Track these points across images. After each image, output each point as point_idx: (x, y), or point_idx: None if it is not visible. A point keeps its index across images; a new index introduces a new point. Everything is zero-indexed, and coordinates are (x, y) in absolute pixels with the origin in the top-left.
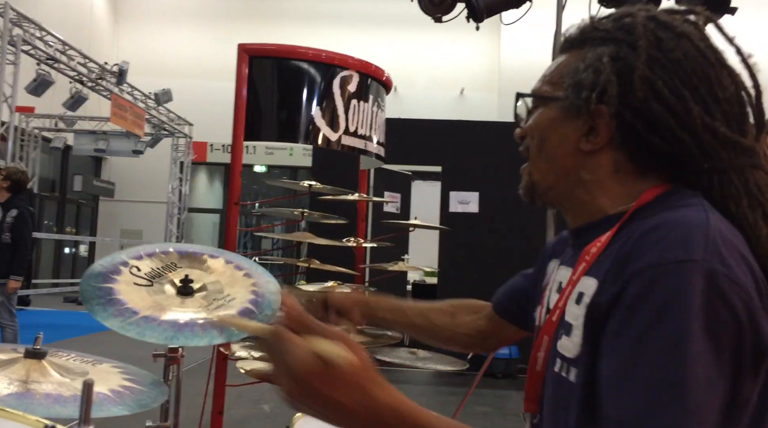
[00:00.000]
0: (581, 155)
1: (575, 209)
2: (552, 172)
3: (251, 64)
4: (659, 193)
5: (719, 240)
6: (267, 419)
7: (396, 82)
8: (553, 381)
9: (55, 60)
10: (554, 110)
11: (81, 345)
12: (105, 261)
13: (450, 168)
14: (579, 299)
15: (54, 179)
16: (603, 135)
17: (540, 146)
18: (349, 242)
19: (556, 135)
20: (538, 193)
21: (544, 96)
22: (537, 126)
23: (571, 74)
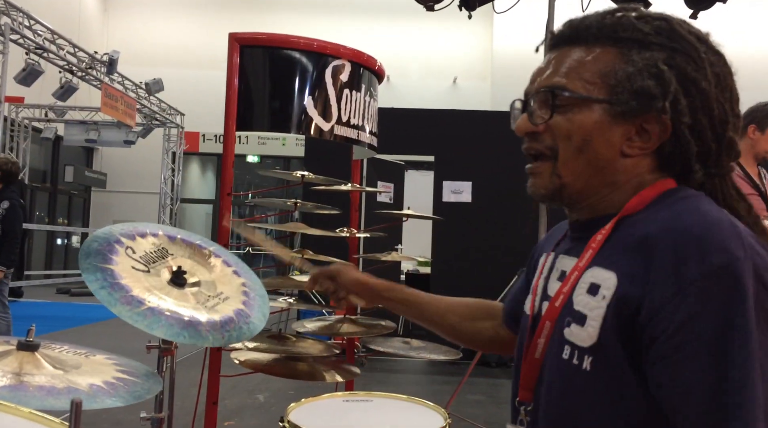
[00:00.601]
0: (621, 157)
1: (591, 205)
2: (590, 175)
3: (242, 54)
4: (665, 189)
5: (746, 235)
6: (261, 409)
7: (389, 72)
8: (560, 368)
9: (44, 49)
10: (599, 113)
11: (74, 336)
12: (98, 237)
13: (443, 158)
14: (594, 291)
15: (45, 169)
16: (654, 142)
17: (581, 148)
18: (343, 233)
19: (602, 139)
20: (564, 195)
21: (591, 97)
22: (579, 128)
23: (618, 77)
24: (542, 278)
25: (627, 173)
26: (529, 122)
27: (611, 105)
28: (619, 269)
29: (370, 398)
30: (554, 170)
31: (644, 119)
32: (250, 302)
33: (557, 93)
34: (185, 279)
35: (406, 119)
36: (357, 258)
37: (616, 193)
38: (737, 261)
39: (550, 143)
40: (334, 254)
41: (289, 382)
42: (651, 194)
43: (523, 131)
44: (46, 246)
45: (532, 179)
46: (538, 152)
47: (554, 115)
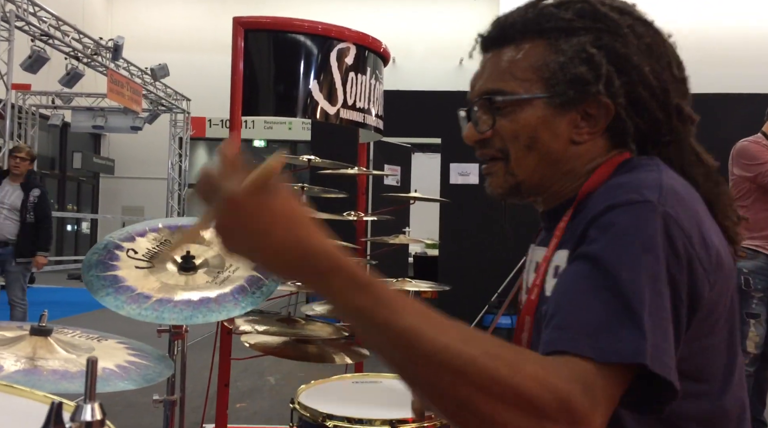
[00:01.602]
0: (572, 145)
1: (553, 195)
2: (544, 169)
3: (247, 38)
4: (619, 162)
5: (671, 192)
6: (272, 391)
7: (394, 54)
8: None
9: (49, 36)
10: (541, 108)
11: (86, 321)
12: (98, 249)
13: (450, 140)
14: (556, 272)
15: (53, 156)
16: (602, 124)
17: (530, 145)
18: (350, 216)
19: (549, 132)
20: (522, 190)
21: (528, 96)
22: (524, 127)
23: (551, 68)
24: (525, 272)
25: (581, 159)
26: (475, 131)
27: (550, 98)
28: (571, 245)
29: (379, 379)
30: (508, 170)
31: (586, 104)
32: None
33: (493, 99)
34: (194, 264)
35: (412, 102)
36: (365, 241)
37: (575, 179)
38: (645, 202)
39: (499, 146)
40: (341, 238)
41: (300, 364)
42: (607, 170)
43: (471, 140)
44: (57, 233)
45: (489, 179)
46: (490, 156)
47: (497, 119)
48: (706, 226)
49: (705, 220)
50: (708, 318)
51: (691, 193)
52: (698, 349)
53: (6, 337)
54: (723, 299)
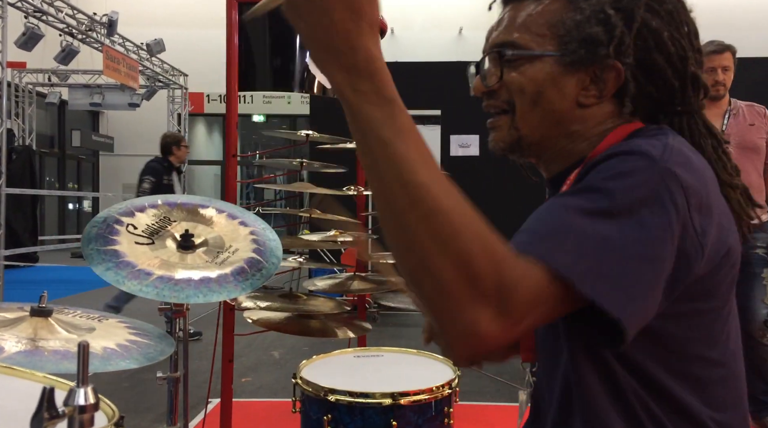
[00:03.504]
0: (577, 107)
1: (554, 158)
2: (546, 126)
3: (241, 12)
4: (631, 130)
5: (678, 152)
6: (276, 365)
7: (392, 24)
8: (543, 330)
9: (43, 12)
10: (551, 64)
11: (89, 299)
12: (97, 222)
13: (450, 111)
14: None
15: (52, 135)
16: (610, 88)
17: (535, 100)
18: (350, 191)
19: (555, 90)
20: (523, 146)
21: (538, 53)
22: (531, 81)
23: (567, 26)
24: None
25: (586, 122)
26: (482, 83)
27: (561, 56)
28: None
29: (380, 353)
30: (512, 124)
31: (597, 66)
32: (260, 248)
33: (506, 49)
34: (193, 242)
35: (411, 73)
36: (365, 216)
37: (577, 143)
38: (647, 156)
39: (506, 98)
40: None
41: (303, 339)
42: (616, 136)
43: (479, 91)
44: (58, 211)
45: (492, 134)
46: (496, 108)
47: (505, 71)
48: (712, 193)
49: (712, 188)
50: (700, 285)
51: (700, 159)
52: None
53: (7, 318)
54: (723, 270)
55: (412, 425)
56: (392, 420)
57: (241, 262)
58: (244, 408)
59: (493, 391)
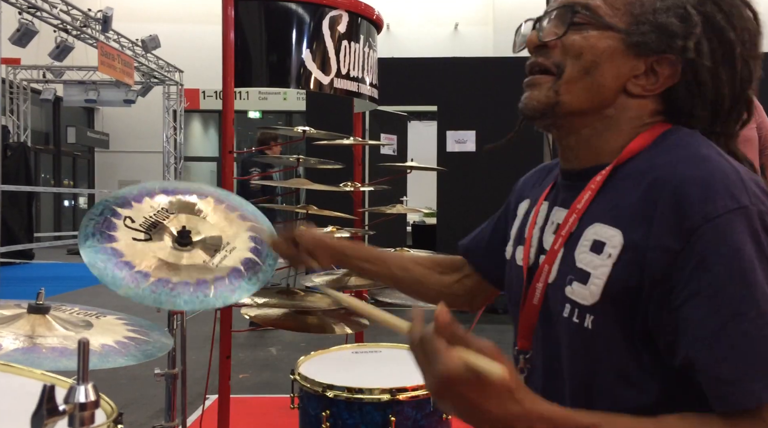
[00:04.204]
0: (623, 93)
1: (582, 145)
2: (588, 100)
3: (237, 7)
4: (660, 132)
5: (752, 184)
6: (274, 361)
7: (388, 20)
8: (560, 325)
9: (37, 8)
10: (615, 40)
11: (86, 296)
12: (94, 214)
13: (446, 107)
14: (598, 249)
15: (47, 131)
16: (660, 85)
17: (587, 69)
18: (347, 187)
19: (611, 66)
20: (557, 113)
21: (611, 24)
22: (591, 48)
23: (644, 7)
24: (537, 229)
25: (625, 112)
26: (537, 37)
27: (628, 35)
28: (624, 226)
29: (378, 349)
30: (554, 86)
31: (657, 59)
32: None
33: (578, 9)
34: (190, 239)
35: (407, 69)
36: (362, 212)
37: (610, 133)
38: (742, 209)
39: (558, 59)
40: (338, 209)
41: (301, 335)
42: (646, 139)
43: (532, 44)
44: (54, 208)
45: (529, 92)
46: (543, 67)
47: (569, 31)
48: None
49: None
50: None
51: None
52: None
53: (4, 315)
54: None
55: (410, 420)
56: (391, 415)
57: (238, 263)
58: (242, 404)
59: None
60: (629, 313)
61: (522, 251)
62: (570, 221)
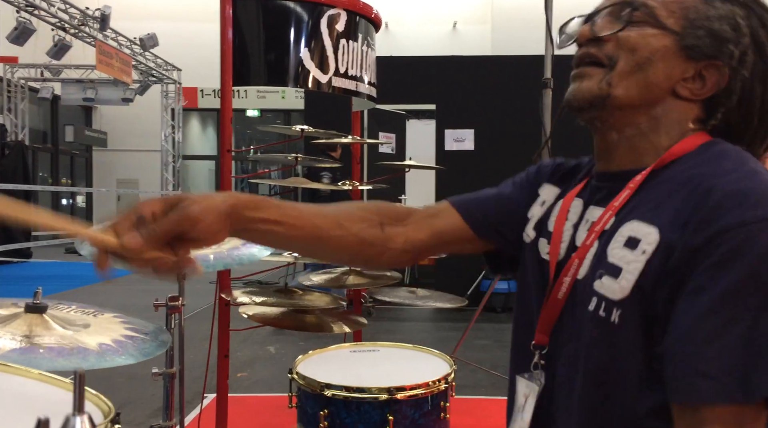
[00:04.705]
0: (671, 94)
1: (625, 144)
2: (638, 95)
3: (235, 6)
4: (704, 141)
5: None
6: (272, 360)
7: (386, 18)
8: (586, 319)
9: (35, 6)
10: (670, 40)
11: (84, 294)
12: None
13: (444, 106)
14: (633, 245)
15: (45, 130)
16: (707, 91)
17: (641, 65)
18: (345, 186)
19: (663, 65)
20: (607, 106)
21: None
22: (647, 45)
23: (699, 13)
24: (569, 225)
25: (672, 114)
26: (591, 30)
27: (683, 38)
28: (661, 224)
29: (376, 348)
30: (606, 77)
31: (706, 64)
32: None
33: (637, 7)
34: None
35: (406, 68)
36: None
37: (653, 134)
38: None
39: (611, 52)
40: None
41: (299, 333)
42: (688, 145)
43: (585, 37)
44: (52, 207)
45: (578, 83)
46: (595, 58)
47: (627, 28)
48: None
49: None
50: None
51: None
52: None
53: (1, 315)
54: None
55: (408, 419)
56: (389, 414)
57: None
58: (241, 403)
59: (488, 385)
60: (654, 310)
61: (546, 245)
62: (605, 217)
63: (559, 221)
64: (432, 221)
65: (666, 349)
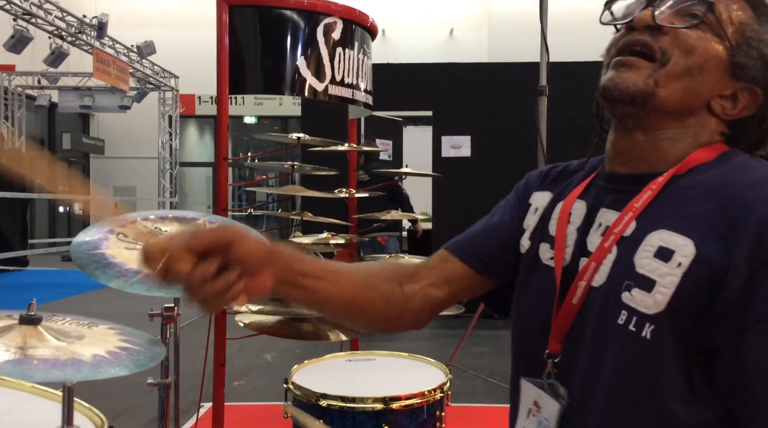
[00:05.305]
0: (706, 107)
1: (650, 147)
2: (681, 102)
3: (231, 14)
4: (722, 150)
5: None
6: (269, 368)
7: (383, 25)
8: (613, 333)
9: (32, 15)
10: (724, 52)
11: (80, 303)
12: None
13: (441, 112)
14: (666, 256)
15: (42, 137)
16: (738, 112)
17: (692, 70)
18: (342, 193)
19: (711, 75)
20: (649, 105)
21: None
22: (704, 51)
23: (754, 33)
24: (573, 228)
25: (702, 127)
26: (651, 17)
27: (735, 54)
28: (696, 237)
29: (372, 357)
30: (654, 74)
31: (745, 86)
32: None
33: (712, 9)
34: None
35: (402, 74)
36: (357, 218)
37: (680, 142)
38: None
39: (666, 47)
40: (334, 215)
41: (296, 341)
42: (709, 154)
43: (645, 22)
44: (49, 214)
45: (625, 72)
46: (647, 48)
47: (692, 28)
48: None
49: None
50: None
51: None
52: None
53: None
54: None
55: None
56: (384, 424)
57: None
58: (237, 412)
59: (485, 392)
60: (692, 328)
61: (548, 249)
62: (625, 220)
63: (561, 225)
64: (439, 274)
65: (745, 383)
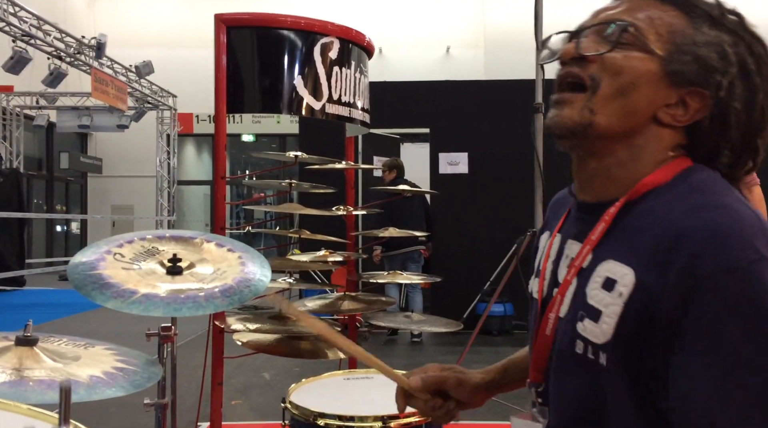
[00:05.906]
0: (653, 121)
1: (603, 173)
2: (621, 123)
3: (229, 35)
4: (682, 168)
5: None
6: (267, 387)
7: (380, 44)
8: (573, 361)
9: (31, 36)
10: (654, 65)
11: (77, 322)
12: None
13: (438, 129)
14: (609, 286)
15: (40, 157)
16: (689, 118)
17: (623, 90)
18: (339, 211)
19: (647, 90)
20: (588, 135)
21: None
22: (631, 69)
23: (686, 39)
24: (550, 262)
25: (651, 142)
26: (576, 48)
27: (668, 63)
28: (637, 265)
29: (370, 375)
30: (588, 104)
31: (690, 90)
32: (247, 269)
33: (627, 29)
34: (180, 267)
35: (399, 92)
36: (355, 235)
37: (632, 164)
38: (763, 260)
39: (594, 73)
40: (332, 233)
41: (294, 360)
42: (666, 174)
43: (569, 55)
44: (46, 234)
45: (559, 110)
46: (577, 78)
47: (615, 49)
48: None
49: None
50: None
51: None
52: None
53: None
54: None
55: None
56: None
57: (229, 280)
58: None
59: (484, 410)
60: (637, 357)
61: (536, 283)
62: (583, 253)
63: (545, 258)
64: None
65: (675, 408)
